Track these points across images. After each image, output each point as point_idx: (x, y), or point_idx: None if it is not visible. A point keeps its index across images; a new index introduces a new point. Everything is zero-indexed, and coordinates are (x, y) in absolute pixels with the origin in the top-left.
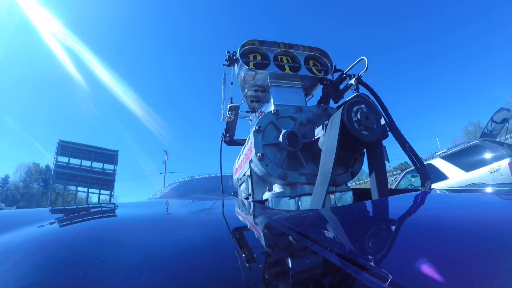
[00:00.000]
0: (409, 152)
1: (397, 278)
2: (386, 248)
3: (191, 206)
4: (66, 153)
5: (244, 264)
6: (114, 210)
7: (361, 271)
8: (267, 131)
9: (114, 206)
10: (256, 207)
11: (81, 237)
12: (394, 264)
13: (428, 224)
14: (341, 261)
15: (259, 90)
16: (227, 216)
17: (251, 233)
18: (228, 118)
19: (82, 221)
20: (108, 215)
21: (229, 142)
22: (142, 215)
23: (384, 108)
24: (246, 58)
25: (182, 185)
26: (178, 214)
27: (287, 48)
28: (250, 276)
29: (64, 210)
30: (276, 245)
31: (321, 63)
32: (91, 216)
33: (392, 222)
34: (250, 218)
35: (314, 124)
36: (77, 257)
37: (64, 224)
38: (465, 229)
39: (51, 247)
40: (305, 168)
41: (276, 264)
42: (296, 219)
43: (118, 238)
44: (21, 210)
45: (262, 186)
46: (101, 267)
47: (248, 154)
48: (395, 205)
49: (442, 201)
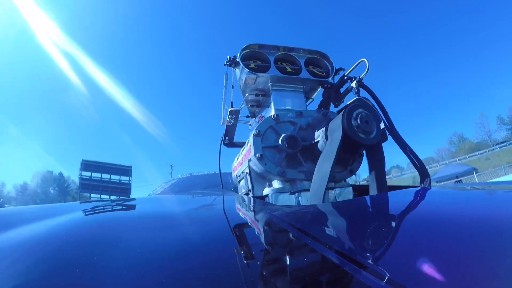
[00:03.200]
0: (409, 154)
1: (394, 275)
2: (384, 245)
3: (191, 201)
4: (88, 169)
5: (244, 260)
6: (110, 206)
7: (359, 269)
8: (267, 135)
9: (109, 203)
10: (256, 203)
11: (74, 234)
12: (391, 261)
13: (427, 221)
14: (339, 259)
15: (260, 94)
16: (227, 212)
17: (252, 229)
18: (228, 122)
19: (74, 217)
20: (103, 211)
21: (228, 145)
22: (141, 211)
23: (384, 111)
24: (247, 61)
25: (182, 182)
26: (178, 210)
27: (287, 51)
28: (249, 273)
29: (56, 207)
30: (276, 242)
31: (321, 66)
32: (85, 213)
33: (390, 218)
34: (251, 214)
35: (313, 129)
36: (72, 255)
37: (55, 221)
38: (464, 226)
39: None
40: (303, 167)
41: (275, 261)
42: (295, 215)
43: (115, 234)
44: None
45: (262, 183)
46: (97, 265)
47: (247, 154)
48: (394, 200)
49: (441, 198)
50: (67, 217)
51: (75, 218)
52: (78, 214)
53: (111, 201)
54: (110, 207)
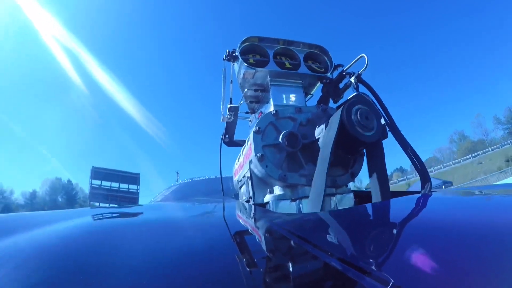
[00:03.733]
0: (410, 154)
1: (398, 281)
2: (387, 251)
3: (192, 209)
4: (98, 177)
5: (246, 268)
6: (109, 214)
7: (362, 275)
8: (267, 132)
9: (109, 210)
10: (257, 211)
11: (77, 241)
12: (395, 267)
13: (430, 227)
14: (342, 265)
15: (259, 89)
16: (228, 220)
17: (252, 237)
18: (228, 119)
19: (77, 223)
20: (104, 218)
21: (228, 143)
22: (142, 219)
23: (384, 107)
24: (246, 55)
25: (183, 187)
26: (178, 218)
27: (287, 44)
28: (251, 280)
29: (58, 213)
30: (277, 250)
31: (320, 61)
32: (87, 219)
33: (393, 225)
34: (251, 222)
35: (314, 125)
36: (72, 261)
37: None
38: (467, 232)
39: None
40: (304, 169)
41: (277, 269)
42: (297, 223)
43: (115, 242)
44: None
45: (263, 188)
46: (99, 272)
47: (247, 154)
48: (396, 207)
49: (443, 204)
50: (61, 224)
51: (69, 225)
52: (76, 221)
53: (109, 208)
54: (107, 215)
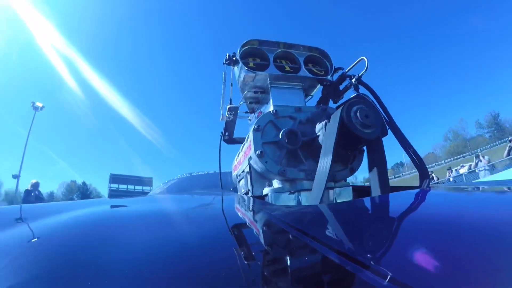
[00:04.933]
0: (409, 151)
1: (396, 274)
2: (385, 245)
3: (190, 201)
4: (115, 181)
5: (244, 261)
6: (107, 205)
7: (360, 268)
8: (266, 130)
9: (106, 202)
10: (256, 203)
11: (72, 233)
12: (393, 261)
13: (428, 221)
14: (340, 258)
15: (259, 91)
16: (226, 211)
17: (250, 229)
18: (227, 118)
19: (73, 215)
20: (102, 209)
21: (228, 141)
22: (139, 210)
23: (384, 108)
24: (246, 59)
25: (181, 182)
26: (177, 210)
27: (287, 48)
28: (249, 273)
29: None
30: (275, 242)
31: (320, 64)
32: (84, 211)
33: (391, 219)
34: (250, 214)
35: (313, 123)
36: (68, 255)
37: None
38: (465, 227)
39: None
40: (304, 165)
41: (275, 261)
42: (295, 215)
43: (113, 234)
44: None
45: (262, 182)
46: (95, 265)
47: (247, 151)
48: (395, 202)
49: (442, 199)
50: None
51: (61, 219)
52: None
53: (104, 200)
54: (103, 205)
